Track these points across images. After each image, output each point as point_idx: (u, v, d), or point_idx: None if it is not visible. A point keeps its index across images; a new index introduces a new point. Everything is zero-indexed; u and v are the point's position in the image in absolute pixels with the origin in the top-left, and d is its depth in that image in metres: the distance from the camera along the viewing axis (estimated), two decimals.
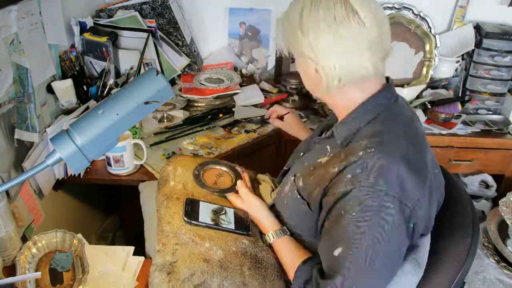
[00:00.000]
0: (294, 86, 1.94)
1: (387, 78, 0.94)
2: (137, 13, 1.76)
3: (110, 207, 1.97)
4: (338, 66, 0.85)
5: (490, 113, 1.90)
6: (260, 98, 1.85)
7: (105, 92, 1.57)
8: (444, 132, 1.76)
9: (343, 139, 0.91)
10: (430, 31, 1.91)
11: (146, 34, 1.73)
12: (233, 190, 1.14)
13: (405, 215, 0.82)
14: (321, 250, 0.89)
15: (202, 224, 1.00)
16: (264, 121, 1.70)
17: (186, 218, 1.00)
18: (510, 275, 1.48)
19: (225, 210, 1.06)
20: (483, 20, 1.92)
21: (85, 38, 1.63)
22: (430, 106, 1.81)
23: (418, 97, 1.90)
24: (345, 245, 0.82)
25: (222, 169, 1.22)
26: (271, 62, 2.13)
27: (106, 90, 1.57)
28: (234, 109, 1.78)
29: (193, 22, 2.04)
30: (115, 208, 1.95)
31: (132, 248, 1.12)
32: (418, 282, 0.93)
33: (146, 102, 0.75)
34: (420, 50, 1.94)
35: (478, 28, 1.88)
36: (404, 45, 1.93)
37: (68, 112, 1.44)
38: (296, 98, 1.90)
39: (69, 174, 1.40)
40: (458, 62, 1.93)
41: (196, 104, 1.81)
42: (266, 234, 1.03)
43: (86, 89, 1.56)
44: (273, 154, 1.74)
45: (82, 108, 1.42)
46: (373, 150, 0.82)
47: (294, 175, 1.00)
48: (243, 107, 1.79)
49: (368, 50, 0.84)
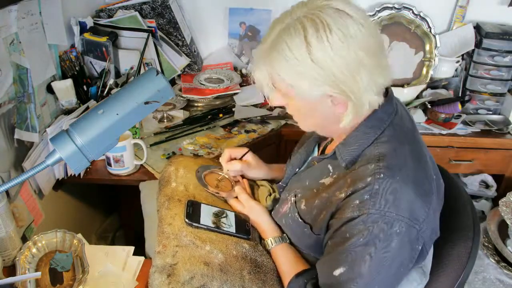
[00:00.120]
0: None
1: (387, 89, 0.90)
2: (137, 13, 1.76)
3: (110, 207, 1.97)
4: (366, 83, 0.80)
5: (490, 113, 1.90)
6: (260, 98, 1.84)
7: (105, 92, 1.57)
8: (444, 132, 1.76)
9: (348, 163, 0.88)
10: (430, 31, 1.90)
11: (146, 34, 1.73)
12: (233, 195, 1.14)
13: (411, 237, 0.81)
14: (320, 266, 0.88)
15: (203, 226, 1.00)
16: (264, 121, 1.70)
17: (187, 220, 0.99)
18: (510, 275, 1.49)
19: (226, 213, 1.06)
20: (483, 20, 1.92)
21: (85, 38, 1.63)
22: (430, 106, 1.81)
23: (418, 97, 1.90)
24: (348, 267, 0.81)
25: (223, 174, 1.21)
26: None
27: (106, 90, 1.57)
28: (234, 109, 1.78)
29: (193, 22, 2.04)
30: (115, 208, 1.95)
31: (132, 248, 1.12)
32: None
33: (146, 102, 0.75)
34: (420, 50, 1.94)
35: (478, 28, 1.88)
36: (404, 45, 1.93)
37: (68, 112, 1.44)
38: None
39: (69, 174, 1.40)
40: (458, 62, 1.93)
41: (196, 104, 1.81)
42: (266, 240, 1.03)
43: (86, 89, 1.56)
44: (273, 154, 1.74)
45: (82, 108, 1.42)
46: (382, 176, 0.80)
47: (295, 195, 0.99)
48: (243, 107, 1.79)
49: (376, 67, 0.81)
